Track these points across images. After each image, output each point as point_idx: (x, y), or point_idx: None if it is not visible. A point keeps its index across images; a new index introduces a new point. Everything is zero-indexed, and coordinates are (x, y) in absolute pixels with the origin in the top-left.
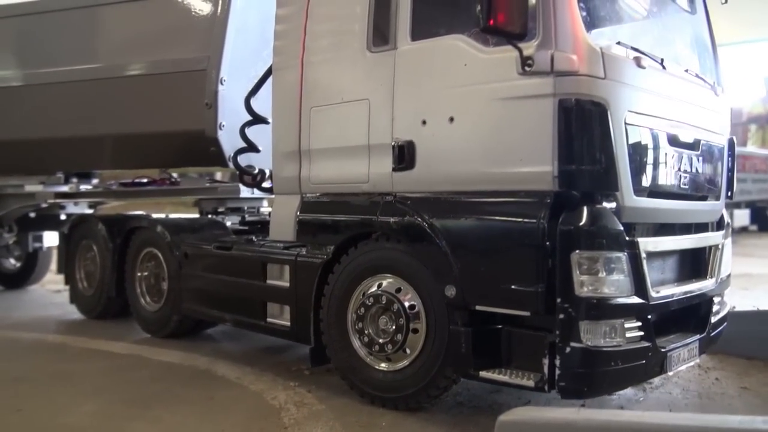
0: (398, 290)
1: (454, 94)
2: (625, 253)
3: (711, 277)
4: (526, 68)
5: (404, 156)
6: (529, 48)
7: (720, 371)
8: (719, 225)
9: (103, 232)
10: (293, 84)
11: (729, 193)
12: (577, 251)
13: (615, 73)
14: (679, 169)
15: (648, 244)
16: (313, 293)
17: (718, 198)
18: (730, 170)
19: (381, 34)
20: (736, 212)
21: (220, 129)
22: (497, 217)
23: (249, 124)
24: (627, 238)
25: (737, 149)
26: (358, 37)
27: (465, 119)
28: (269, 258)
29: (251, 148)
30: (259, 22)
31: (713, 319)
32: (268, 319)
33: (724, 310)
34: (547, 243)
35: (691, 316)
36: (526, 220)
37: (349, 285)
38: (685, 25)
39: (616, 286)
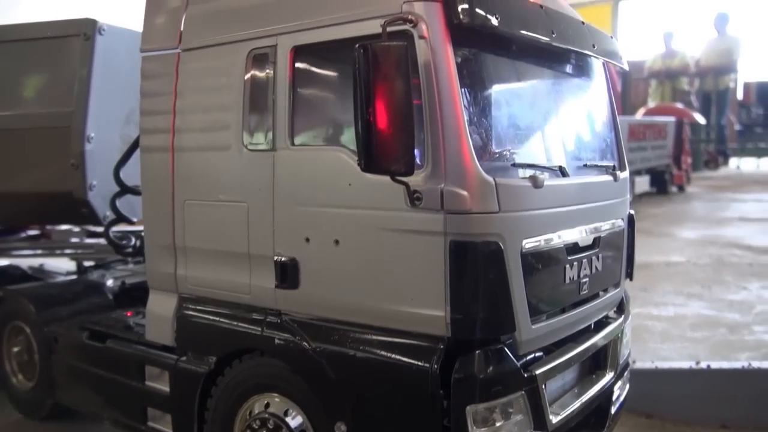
0: (286, 413)
1: (338, 214)
2: (524, 392)
3: (611, 370)
4: (415, 202)
5: (287, 274)
6: (416, 181)
7: (618, 430)
8: (619, 308)
9: None
10: (163, 169)
11: (629, 272)
12: (472, 404)
13: (510, 203)
14: (579, 277)
15: (547, 372)
16: (196, 405)
17: (618, 285)
18: (630, 247)
19: (258, 131)
20: (638, 179)
21: (90, 190)
22: (388, 357)
23: (119, 195)
24: (525, 375)
25: (640, 118)
26: (233, 129)
27: (351, 245)
28: (147, 359)
29: (124, 219)
30: (131, 61)
31: (613, 410)
32: (149, 423)
33: (624, 389)
34: (441, 391)
35: (590, 414)
36: (418, 364)
37: (234, 402)
38: (581, 96)
39: (514, 429)
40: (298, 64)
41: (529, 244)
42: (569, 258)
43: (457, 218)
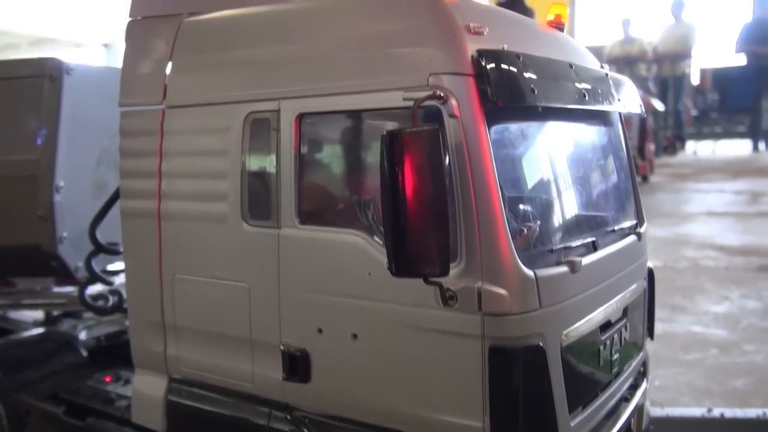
0: None
1: (356, 306)
2: None
3: None
4: (449, 302)
5: (297, 366)
6: (449, 279)
7: None
8: (642, 373)
9: None
10: (149, 238)
11: (650, 330)
12: None
13: (551, 297)
14: (611, 355)
15: None
16: None
17: (642, 348)
18: (650, 303)
19: (259, 205)
20: None
21: (61, 243)
22: None
23: (95, 254)
24: None
25: None
26: (230, 201)
27: (371, 340)
28: None
29: (100, 280)
30: (100, 98)
31: None
32: None
33: None
34: None
35: None
36: None
37: None
38: (602, 150)
39: None
40: (305, 132)
41: (568, 335)
42: (602, 338)
43: (496, 320)
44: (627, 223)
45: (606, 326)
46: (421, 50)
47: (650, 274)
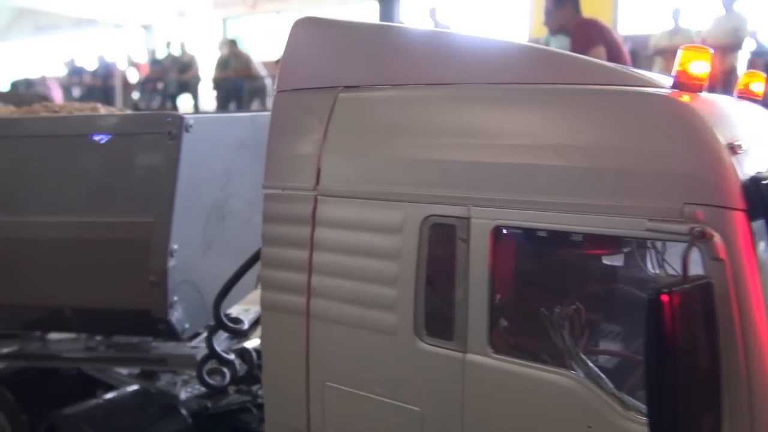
0: None
1: None
2: None
3: None
4: None
5: None
6: None
7: None
8: None
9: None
10: (294, 337)
11: None
12: None
13: None
14: None
15: None
16: None
17: None
18: None
19: (438, 322)
20: None
21: (171, 308)
22: None
23: (215, 330)
24: None
25: None
26: (401, 312)
27: None
28: None
29: (220, 359)
30: (213, 149)
31: None
32: None
33: None
34: None
35: None
36: None
37: None
38: None
39: None
40: (500, 246)
41: None
42: None
43: None
44: None
45: None
46: (668, 171)
47: None
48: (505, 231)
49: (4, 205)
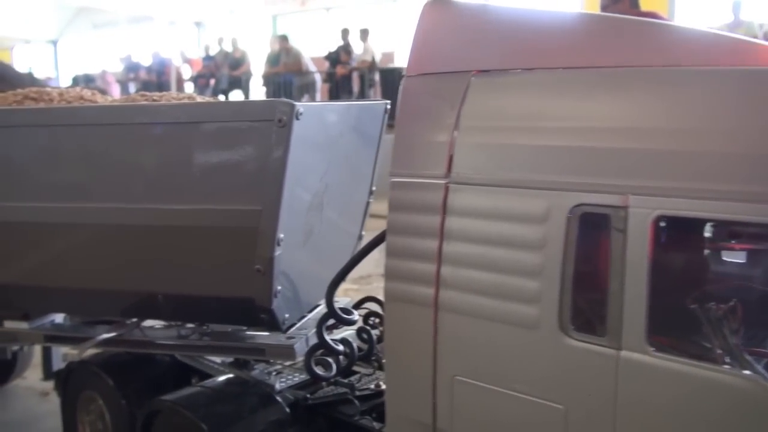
0: None
1: None
2: None
3: None
4: None
5: None
6: None
7: None
8: None
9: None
10: (421, 329)
11: None
12: None
13: None
14: None
15: None
16: None
17: None
18: None
19: (588, 316)
20: None
21: (275, 297)
22: None
23: (326, 319)
24: None
25: None
26: (544, 305)
27: None
28: None
29: (330, 348)
30: (320, 136)
31: None
32: None
33: None
34: None
35: None
36: None
37: None
38: None
39: None
40: (662, 237)
41: None
42: None
43: None
44: None
45: None
46: None
47: None
48: (665, 221)
49: (115, 192)
